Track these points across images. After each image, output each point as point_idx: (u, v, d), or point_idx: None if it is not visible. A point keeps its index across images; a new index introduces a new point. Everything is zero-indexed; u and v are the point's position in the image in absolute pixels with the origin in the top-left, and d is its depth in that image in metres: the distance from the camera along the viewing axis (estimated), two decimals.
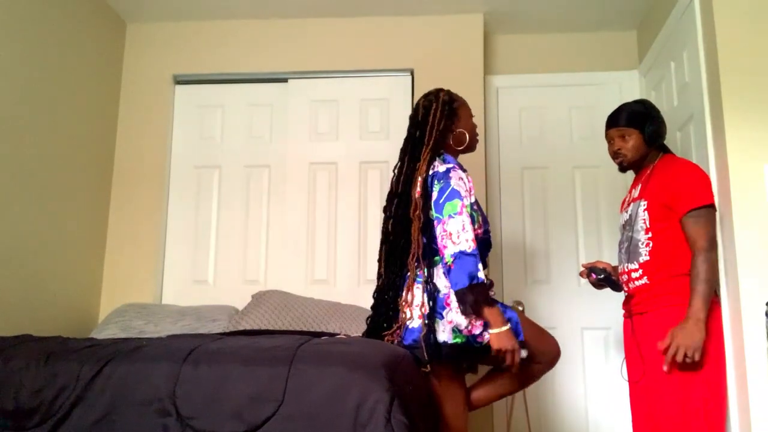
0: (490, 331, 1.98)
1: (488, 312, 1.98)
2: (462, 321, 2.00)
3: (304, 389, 1.54)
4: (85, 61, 3.11)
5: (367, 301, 2.97)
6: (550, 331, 2.56)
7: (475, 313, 1.98)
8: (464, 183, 2.09)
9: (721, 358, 2.16)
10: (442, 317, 2.02)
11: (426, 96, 2.28)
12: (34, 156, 2.74)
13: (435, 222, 2.05)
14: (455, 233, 1.98)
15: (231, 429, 1.53)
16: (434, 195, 2.07)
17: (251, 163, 3.39)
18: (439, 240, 2.02)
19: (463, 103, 2.30)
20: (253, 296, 2.95)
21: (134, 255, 3.26)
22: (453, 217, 2.00)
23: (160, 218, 3.30)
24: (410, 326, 2.05)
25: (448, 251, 1.98)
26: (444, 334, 2.01)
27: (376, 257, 2.30)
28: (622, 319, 2.44)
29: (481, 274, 1.96)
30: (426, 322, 2.01)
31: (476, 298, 1.95)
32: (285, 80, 3.43)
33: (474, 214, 2.11)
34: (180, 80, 3.48)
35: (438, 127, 2.20)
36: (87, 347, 1.75)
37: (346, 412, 1.50)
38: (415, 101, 3.27)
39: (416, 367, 1.93)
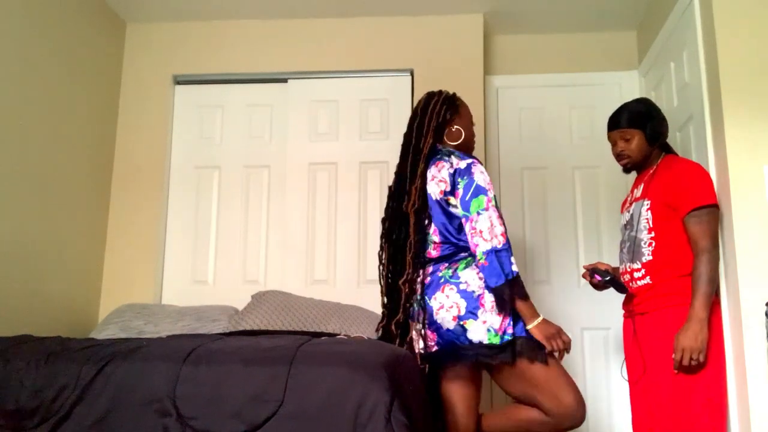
0: (528, 326, 1.98)
1: (522, 306, 1.98)
2: (496, 321, 1.99)
3: (304, 389, 1.54)
4: (85, 61, 3.11)
5: (367, 301, 2.98)
6: None
7: (510, 308, 1.99)
8: (485, 177, 2.07)
9: (721, 359, 2.16)
10: (476, 317, 1.99)
11: (428, 92, 2.31)
12: (34, 156, 2.74)
13: (463, 220, 2.05)
14: (486, 230, 1.98)
15: (231, 429, 1.53)
16: (460, 192, 2.06)
17: (251, 163, 3.39)
18: (469, 237, 2.02)
19: (466, 105, 2.33)
20: (253, 296, 2.95)
21: (134, 255, 3.25)
22: (481, 214, 2.00)
23: (160, 218, 3.30)
24: (444, 328, 2.03)
25: (480, 249, 1.98)
26: (479, 335, 1.99)
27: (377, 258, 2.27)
28: (623, 319, 2.44)
29: (515, 268, 1.97)
30: (461, 323, 2.00)
31: (512, 293, 1.95)
32: (285, 80, 3.43)
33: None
34: (180, 80, 3.48)
35: (439, 116, 2.21)
36: (87, 347, 1.75)
37: (346, 412, 1.50)
38: (416, 101, 3.30)
39: (417, 366, 1.93)
